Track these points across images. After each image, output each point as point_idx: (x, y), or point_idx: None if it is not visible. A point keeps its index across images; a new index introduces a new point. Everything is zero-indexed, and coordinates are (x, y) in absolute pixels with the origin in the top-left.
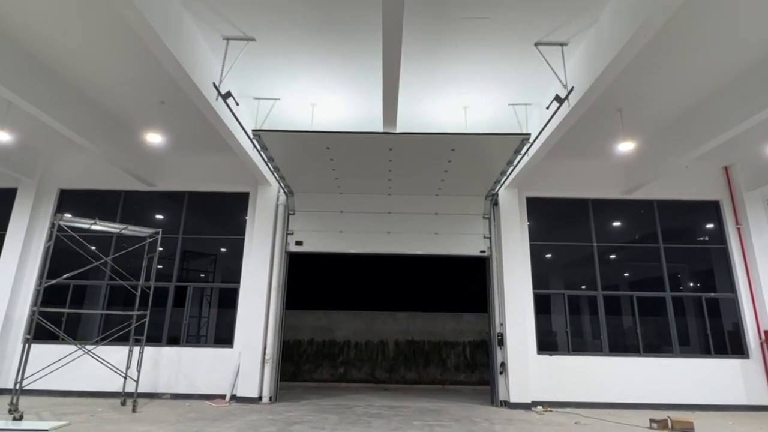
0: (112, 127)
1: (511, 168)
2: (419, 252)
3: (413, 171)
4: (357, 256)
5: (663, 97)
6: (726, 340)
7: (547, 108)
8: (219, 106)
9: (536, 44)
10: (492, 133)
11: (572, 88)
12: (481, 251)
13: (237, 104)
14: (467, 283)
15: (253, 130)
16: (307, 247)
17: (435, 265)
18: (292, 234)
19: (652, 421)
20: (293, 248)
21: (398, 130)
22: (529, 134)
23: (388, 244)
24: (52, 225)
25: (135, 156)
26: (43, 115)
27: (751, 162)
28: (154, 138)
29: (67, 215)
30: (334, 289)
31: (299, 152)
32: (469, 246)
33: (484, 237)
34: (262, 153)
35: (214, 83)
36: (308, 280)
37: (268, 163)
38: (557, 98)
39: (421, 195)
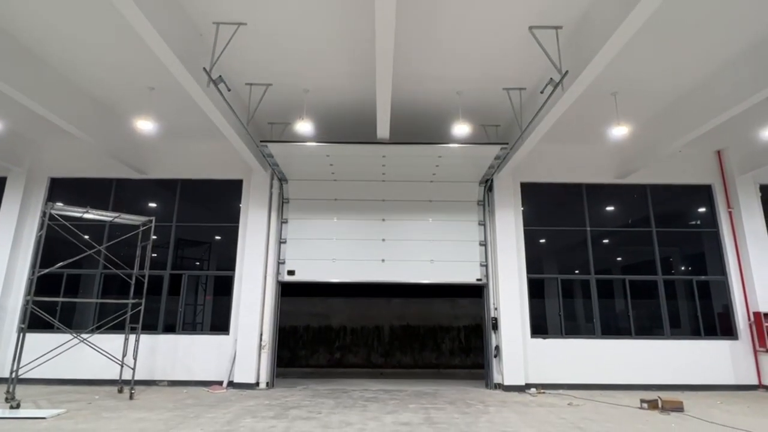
0: (101, 114)
1: (493, 172)
2: (414, 281)
3: (405, 171)
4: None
5: (657, 82)
6: (716, 322)
7: (542, 92)
8: (210, 92)
9: (530, 28)
10: (472, 142)
11: (566, 72)
12: (477, 279)
13: (228, 90)
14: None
15: (260, 141)
16: (299, 277)
17: None
18: (284, 263)
19: (643, 401)
20: (286, 278)
21: (392, 119)
22: (507, 143)
23: (383, 273)
24: (44, 214)
25: (125, 143)
26: (30, 101)
27: (743, 146)
28: (144, 125)
29: (59, 204)
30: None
31: (302, 161)
32: (465, 274)
33: (481, 264)
34: (268, 159)
35: (204, 68)
36: None
37: (274, 168)
38: (552, 82)
39: (415, 220)
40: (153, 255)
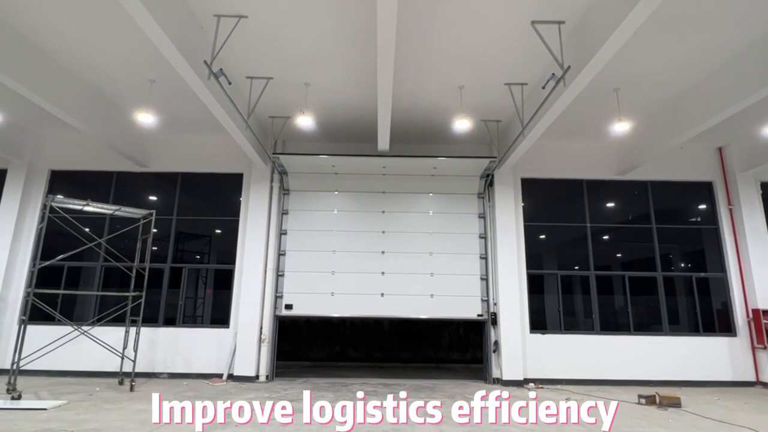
0: (102, 106)
1: (493, 167)
2: (414, 316)
3: (405, 173)
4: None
5: (659, 78)
6: (714, 319)
7: (543, 88)
8: (211, 85)
9: (533, 22)
10: (463, 156)
11: (569, 67)
12: (478, 315)
13: (229, 83)
14: None
15: (273, 153)
16: (297, 311)
17: None
18: (281, 297)
19: (640, 396)
20: (283, 312)
21: (394, 113)
22: (496, 157)
23: (383, 307)
24: (44, 206)
25: (126, 136)
26: (30, 93)
27: (744, 143)
28: (144, 118)
29: (59, 196)
30: None
31: (305, 167)
32: (466, 309)
33: (482, 300)
34: (278, 168)
35: (205, 61)
36: None
37: (275, 163)
38: (553, 78)
39: (415, 253)
40: (153, 248)
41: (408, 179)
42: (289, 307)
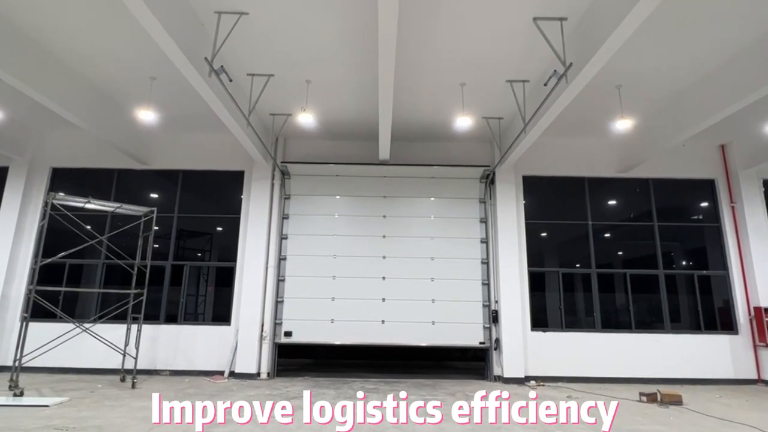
0: (103, 103)
1: (493, 167)
2: (415, 343)
3: (405, 194)
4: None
5: (662, 75)
6: (716, 317)
7: (545, 85)
8: (212, 82)
9: (535, 19)
10: (459, 165)
11: (571, 64)
12: (480, 342)
13: (230, 80)
14: None
15: (281, 162)
16: (296, 338)
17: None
18: (280, 324)
19: (642, 394)
20: (282, 339)
21: (396, 112)
22: (489, 165)
23: (383, 335)
24: (46, 204)
25: (127, 133)
26: (32, 91)
27: (747, 140)
28: (145, 115)
29: (61, 194)
30: None
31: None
32: (468, 336)
33: (484, 327)
34: (285, 177)
35: (206, 58)
36: None
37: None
38: (555, 75)
39: (416, 279)
40: (155, 245)
41: (407, 203)
42: (288, 334)
